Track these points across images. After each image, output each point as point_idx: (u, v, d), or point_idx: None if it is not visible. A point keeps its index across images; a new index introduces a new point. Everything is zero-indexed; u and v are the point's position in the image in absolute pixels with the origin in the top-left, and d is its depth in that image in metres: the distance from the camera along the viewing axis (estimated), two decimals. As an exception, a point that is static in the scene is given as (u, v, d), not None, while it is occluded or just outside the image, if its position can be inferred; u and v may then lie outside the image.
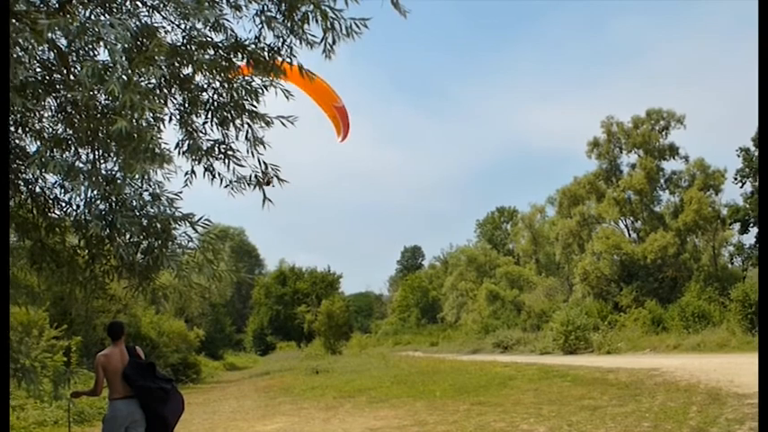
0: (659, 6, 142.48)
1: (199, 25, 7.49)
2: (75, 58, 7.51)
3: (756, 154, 58.48)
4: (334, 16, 7.31)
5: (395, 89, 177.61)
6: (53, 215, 8.77)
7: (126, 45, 6.04)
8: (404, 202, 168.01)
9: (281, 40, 7.89)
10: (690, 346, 31.48)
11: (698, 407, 13.29)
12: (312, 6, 7.35)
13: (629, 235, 52.60)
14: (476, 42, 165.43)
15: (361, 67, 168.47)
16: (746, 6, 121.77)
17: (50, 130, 8.08)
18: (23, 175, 8.23)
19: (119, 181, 7.46)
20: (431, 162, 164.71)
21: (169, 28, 7.59)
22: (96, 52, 7.32)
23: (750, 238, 57.89)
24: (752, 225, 57.26)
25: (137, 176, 7.45)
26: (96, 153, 7.86)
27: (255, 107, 8.15)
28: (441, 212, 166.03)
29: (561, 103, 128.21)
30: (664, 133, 51.40)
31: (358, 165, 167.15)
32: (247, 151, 8.25)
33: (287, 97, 8.21)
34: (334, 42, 7.51)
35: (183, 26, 7.62)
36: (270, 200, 8.14)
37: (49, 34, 6.12)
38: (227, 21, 7.66)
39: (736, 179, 58.39)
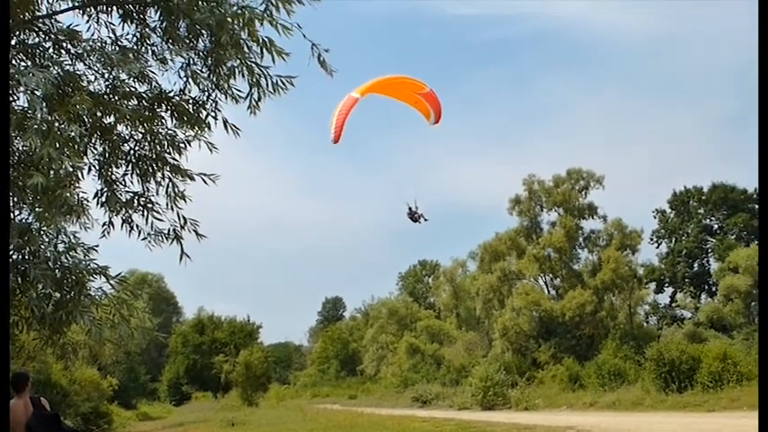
0: (581, 67, 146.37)
1: (123, 75, 7.42)
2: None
3: (672, 216, 60.24)
4: (260, 72, 7.33)
5: (322, 141, 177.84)
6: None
7: (47, 92, 5.93)
8: (326, 253, 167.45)
9: (207, 93, 7.87)
10: (605, 403, 31.78)
11: (612, 467, 13.40)
12: (238, 62, 7.35)
13: (549, 292, 53.30)
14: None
15: (289, 118, 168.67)
16: (666, 69, 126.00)
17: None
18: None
19: (33, 231, 7.26)
20: (355, 214, 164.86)
21: (92, 77, 7.50)
22: (16, 97, 7.17)
23: (665, 298, 59.38)
24: (667, 285, 58.74)
25: (52, 227, 7.27)
26: (11, 202, 7.67)
27: (178, 161, 8.08)
28: (363, 264, 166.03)
29: (484, 159, 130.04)
30: (583, 193, 52.55)
31: (281, 214, 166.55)
32: (167, 205, 8.15)
33: (211, 150, 8.16)
34: (259, 98, 7.52)
35: (106, 76, 7.54)
36: (187, 255, 8.05)
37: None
38: (152, 72, 7.62)
39: (652, 240, 60.04)
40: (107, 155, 8.08)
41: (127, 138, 8.14)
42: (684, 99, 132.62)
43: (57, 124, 6.24)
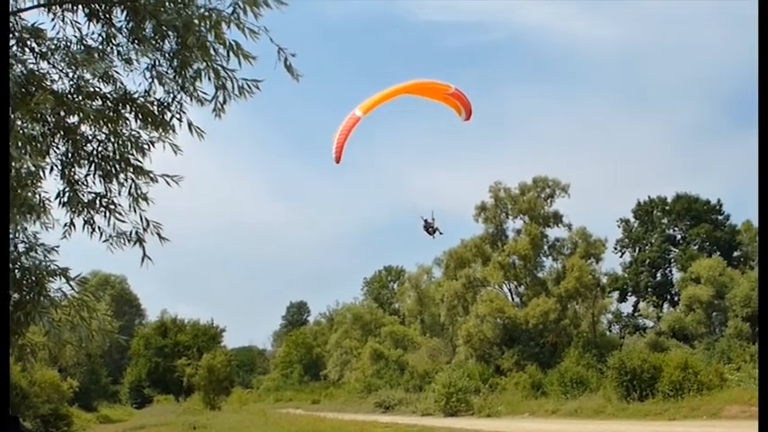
0: (549, 76, 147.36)
1: (87, 75, 7.35)
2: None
3: (636, 225, 60.76)
4: (226, 75, 7.29)
5: (288, 146, 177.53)
6: None
7: (10, 90, 5.85)
8: (292, 258, 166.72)
9: (172, 95, 7.81)
10: (567, 411, 31.94)
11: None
12: (204, 64, 7.31)
13: (513, 299, 53.47)
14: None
15: (256, 122, 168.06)
16: (633, 80, 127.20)
17: None
18: None
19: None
20: (320, 218, 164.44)
21: (56, 76, 7.41)
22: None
23: (627, 307, 59.87)
24: (629, 294, 59.21)
25: (12, 227, 7.17)
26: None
27: (141, 162, 8.00)
28: (328, 269, 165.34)
29: (451, 165, 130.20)
30: (549, 201, 52.85)
31: (247, 218, 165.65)
32: (129, 206, 8.06)
33: (175, 152, 8.09)
34: (225, 101, 7.47)
35: (71, 75, 7.46)
36: (149, 258, 7.97)
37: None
38: (117, 73, 7.55)
39: (615, 249, 60.52)
40: (70, 155, 7.98)
41: (90, 138, 8.04)
42: (651, 110, 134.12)
43: (19, 123, 6.17)
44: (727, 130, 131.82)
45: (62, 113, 7.51)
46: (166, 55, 7.66)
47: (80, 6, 7.66)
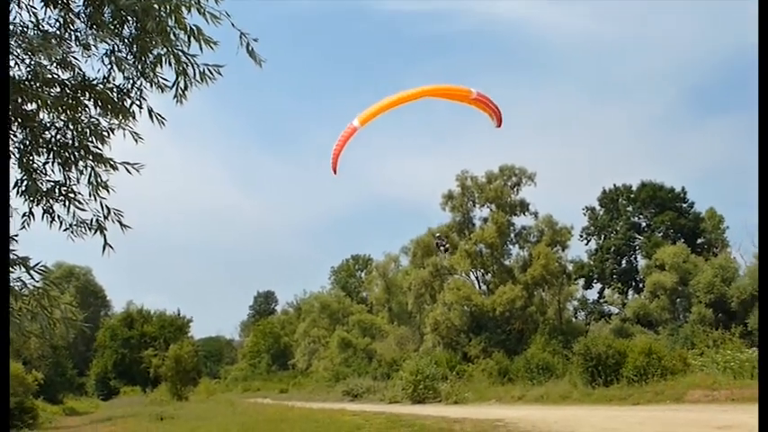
0: (518, 65, 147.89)
1: (44, 62, 7.23)
2: None
3: (601, 213, 61.20)
4: (187, 61, 7.20)
5: (253, 134, 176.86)
6: None
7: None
8: (258, 247, 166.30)
9: (131, 81, 7.70)
10: (534, 397, 32.16)
11: (538, 460, 13.55)
12: (165, 50, 7.21)
13: (480, 287, 53.76)
14: (333, 90, 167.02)
15: (220, 111, 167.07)
16: (600, 70, 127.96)
17: None
18: None
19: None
20: (287, 207, 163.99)
21: (12, 63, 7.26)
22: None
23: (593, 294, 60.38)
24: (595, 281, 59.69)
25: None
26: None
27: (101, 150, 7.88)
28: (295, 258, 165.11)
29: (419, 155, 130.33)
30: (515, 189, 53.13)
31: (212, 208, 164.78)
32: (90, 195, 7.93)
33: (136, 140, 7.99)
34: (186, 87, 7.38)
35: (27, 61, 7.33)
36: (111, 246, 7.87)
37: None
38: (75, 59, 7.44)
39: (581, 236, 60.93)
40: (27, 143, 7.84)
41: (48, 125, 7.90)
42: (616, 100, 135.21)
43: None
44: (690, 120, 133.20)
45: (19, 101, 7.36)
46: (126, 40, 7.54)
47: (37, -10, 7.56)
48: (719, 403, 21.76)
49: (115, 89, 7.78)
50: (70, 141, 7.93)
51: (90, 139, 7.87)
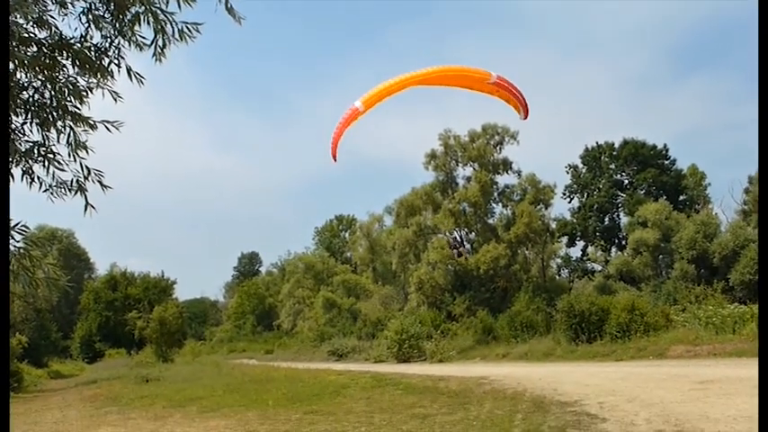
0: (499, 23, 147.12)
1: (21, 20, 7.10)
2: None
3: (584, 171, 61.28)
4: (165, 19, 7.08)
5: (234, 95, 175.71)
6: None
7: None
8: (242, 209, 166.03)
9: (109, 40, 7.57)
10: (518, 354, 32.42)
11: (523, 415, 13.63)
12: (143, 8, 7.09)
13: (464, 246, 53.78)
14: (314, 50, 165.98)
15: (199, 72, 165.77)
16: (582, 27, 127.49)
17: None
18: None
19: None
20: (270, 169, 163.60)
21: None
22: None
23: (576, 252, 60.63)
24: (578, 239, 59.91)
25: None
26: None
27: (79, 109, 7.77)
28: (279, 219, 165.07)
29: (402, 114, 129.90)
30: (498, 148, 52.95)
31: (195, 170, 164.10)
32: (69, 155, 7.83)
33: (115, 100, 7.88)
34: (164, 45, 7.27)
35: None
36: (93, 206, 7.79)
37: None
38: (52, 17, 7.31)
39: (564, 194, 61.02)
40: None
41: (26, 85, 7.78)
42: (598, 57, 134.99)
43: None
44: (672, 78, 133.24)
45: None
46: (103, -2, 7.43)
47: (11, -52, 7.40)
48: (701, 358, 22.00)
49: (93, 48, 7.65)
50: (48, 101, 7.81)
51: (68, 99, 7.75)
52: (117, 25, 7.41)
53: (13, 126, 7.76)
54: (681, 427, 10.80)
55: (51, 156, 7.88)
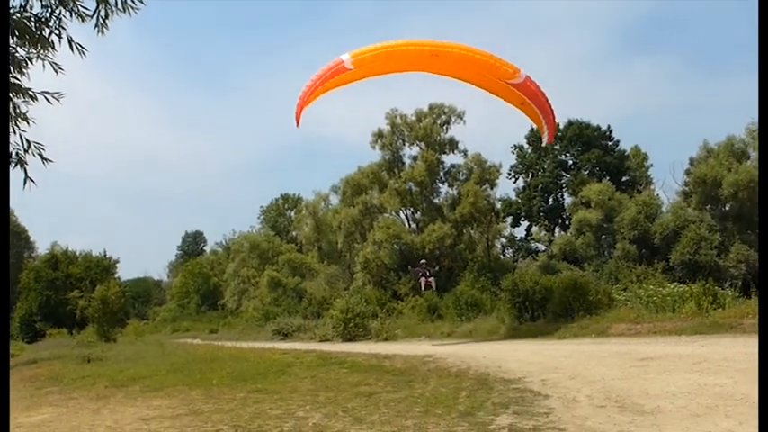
0: (444, 3, 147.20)
1: (-45, -12, 6.88)
2: None
3: (529, 151, 61.75)
4: (107, -11, 6.92)
5: (179, 72, 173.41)
6: None
7: None
8: (187, 187, 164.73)
9: (50, 10, 7.38)
10: (462, 333, 32.58)
11: (467, 392, 13.73)
12: (84, -24, 6.92)
13: (409, 225, 53.94)
14: (262, 30, 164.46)
15: (144, 47, 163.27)
16: (527, 7, 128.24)
17: None
18: None
19: None
20: (214, 147, 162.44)
21: None
22: None
23: (521, 231, 61.23)
24: (523, 219, 60.47)
25: None
26: None
27: (19, 80, 7.57)
28: (224, 198, 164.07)
29: (349, 93, 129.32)
30: (445, 128, 53.13)
31: (139, 147, 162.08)
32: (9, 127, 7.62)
33: (56, 71, 7.70)
34: (107, 17, 7.11)
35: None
36: (32, 180, 7.61)
37: None
38: (-11, -15, 7.08)
39: (510, 175, 61.49)
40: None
41: (-37, 56, 7.55)
42: (543, 38, 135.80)
43: None
44: (616, 60, 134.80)
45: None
46: (42, -33, 7.23)
47: None
48: (642, 336, 22.34)
49: (33, 18, 7.45)
50: (-14, 72, 7.59)
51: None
52: (57, -5, 7.23)
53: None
54: (621, 402, 10.98)
55: (-11, 128, 7.67)
